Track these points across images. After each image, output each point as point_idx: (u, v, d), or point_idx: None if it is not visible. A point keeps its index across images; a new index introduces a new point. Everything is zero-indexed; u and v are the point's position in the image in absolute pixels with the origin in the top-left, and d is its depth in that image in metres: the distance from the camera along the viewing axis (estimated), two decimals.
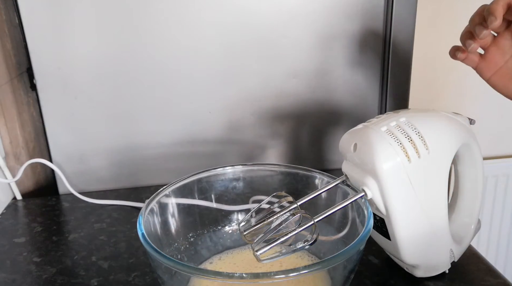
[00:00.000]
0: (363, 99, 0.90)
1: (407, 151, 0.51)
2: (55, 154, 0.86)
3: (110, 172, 0.88)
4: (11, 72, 0.84)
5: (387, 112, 0.58)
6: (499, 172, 1.40)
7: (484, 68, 0.58)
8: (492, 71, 0.57)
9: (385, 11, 0.84)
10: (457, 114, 0.59)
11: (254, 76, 0.85)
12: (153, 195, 0.56)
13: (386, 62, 0.88)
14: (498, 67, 0.56)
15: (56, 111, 0.83)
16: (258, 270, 0.56)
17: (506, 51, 0.56)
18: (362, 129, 0.54)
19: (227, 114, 0.87)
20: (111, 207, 0.81)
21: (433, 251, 0.57)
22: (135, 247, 0.69)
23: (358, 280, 0.60)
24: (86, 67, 0.81)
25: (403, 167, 0.51)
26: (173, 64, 0.82)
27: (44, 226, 0.76)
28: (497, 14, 0.50)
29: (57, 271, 0.64)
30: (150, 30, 0.80)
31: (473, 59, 0.58)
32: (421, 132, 0.52)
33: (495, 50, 0.56)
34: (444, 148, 0.53)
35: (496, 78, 0.57)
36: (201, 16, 0.80)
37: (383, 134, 0.52)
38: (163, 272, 0.48)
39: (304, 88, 0.87)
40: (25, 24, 0.77)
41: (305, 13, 0.83)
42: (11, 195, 0.86)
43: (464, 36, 0.56)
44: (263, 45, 0.83)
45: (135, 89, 0.83)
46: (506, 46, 0.56)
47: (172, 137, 0.86)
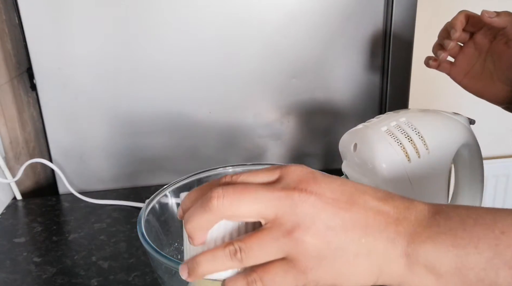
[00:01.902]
0: (363, 99, 0.90)
1: (407, 151, 0.51)
2: (55, 154, 0.86)
3: (110, 172, 0.88)
4: (11, 72, 0.84)
5: (387, 112, 0.58)
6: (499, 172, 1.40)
7: (455, 74, 0.67)
8: (462, 75, 0.66)
9: (385, 11, 0.84)
10: (457, 114, 0.59)
11: (254, 76, 0.85)
12: (153, 195, 0.56)
13: (386, 62, 0.88)
14: (467, 71, 0.65)
15: (56, 111, 0.83)
16: None
17: (472, 58, 0.65)
18: (362, 129, 0.55)
19: (227, 114, 0.87)
20: (111, 207, 0.81)
21: None
22: (135, 247, 0.69)
23: None
24: (86, 67, 0.81)
25: (403, 167, 0.51)
26: (173, 64, 0.82)
27: (44, 226, 0.76)
28: (457, 27, 0.62)
29: (57, 271, 0.64)
30: (150, 30, 0.80)
31: (445, 66, 0.67)
32: (421, 132, 0.52)
33: (462, 58, 0.66)
34: (444, 148, 0.54)
35: (466, 81, 0.66)
36: (201, 16, 0.80)
37: (383, 134, 0.52)
38: (163, 272, 0.48)
39: (304, 88, 0.87)
40: (25, 24, 0.77)
41: (305, 13, 0.83)
42: (11, 195, 0.86)
43: (435, 48, 0.67)
44: (263, 45, 0.83)
45: (135, 89, 0.83)
46: (471, 54, 0.65)
47: (172, 137, 0.86)
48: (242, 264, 0.32)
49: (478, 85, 0.65)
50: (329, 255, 0.31)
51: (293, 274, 0.31)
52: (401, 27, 0.85)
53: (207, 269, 0.33)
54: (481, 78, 0.65)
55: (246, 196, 0.32)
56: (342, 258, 0.31)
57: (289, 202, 0.31)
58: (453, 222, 0.31)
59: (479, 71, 0.65)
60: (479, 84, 0.65)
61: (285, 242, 0.31)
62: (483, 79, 0.64)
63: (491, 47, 0.63)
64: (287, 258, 0.31)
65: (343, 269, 0.31)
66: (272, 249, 0.31)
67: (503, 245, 0.29)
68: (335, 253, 0.31)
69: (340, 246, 0.31)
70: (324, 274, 0.31)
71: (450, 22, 0.64)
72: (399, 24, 0.85)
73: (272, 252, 0.31)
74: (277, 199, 0.32)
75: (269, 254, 0.32)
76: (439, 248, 0.30)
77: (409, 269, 0.31)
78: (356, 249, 0.31)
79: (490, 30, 0.63)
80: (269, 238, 0.31)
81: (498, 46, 0.62)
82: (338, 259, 0.31)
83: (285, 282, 0.31)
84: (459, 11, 0.64)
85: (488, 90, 0.64)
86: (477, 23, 0.63)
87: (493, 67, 0.63)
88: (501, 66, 0.62)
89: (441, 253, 0.30)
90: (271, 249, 0.31)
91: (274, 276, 0.31)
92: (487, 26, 0.62)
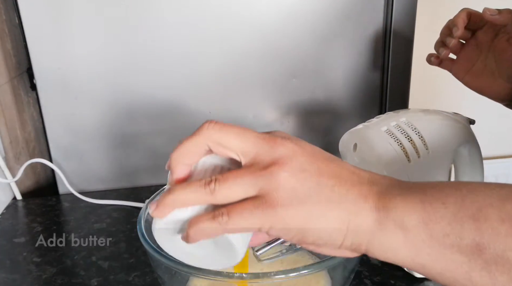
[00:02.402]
0: (363, 100, 0.90)
1: (407, 151, 0.51)
2: (55, 154, 0.86)
3: (110, 172, 0.88)
4: (11, 72, 0.84)
5: (387, 112, 0.58)
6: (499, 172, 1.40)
7: (457, 71, 0.67)
8: (463, 72, 0.66)
9: (385, 11, 0.84)
10: (457, 114, 0.59)
11: (254, 76, 0.85)
12: (153, 195, 0.56)
13: (386, 62, 0.88)
14: (469, 69, 0.65)
15: (56, 111, 0.83)
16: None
17: (474, 55, 0.65)
18: (362, 129, 0.55)
19: (227, 114, 0.87)
20: (111, 207, 0.81)
21: None
22: (135, 247, 0.69)
23: (358, 280, 0.60)
24: (86, 67, 0.81)
25: (403, 167, 0.51)
26: (173, 64, 0.82)
27: (44, 226, 0.76)
28: (459, 25, 0.62)
29: (57, 271, 0.64)
30: (150, 30, 0.80)
31: (447, 64, 0.68)
32: (421, 132, 0.52)
33: (464, 55, 0.66)
34: (444, 148, 0.54)
35: (468, 78, 0.66)
36: (201, 17, 0.80)
37: (383, 134, 0.52)
38: (163, 272, 0.48)
39: (304, 88, 0.87)
40: (25, 24, 0.77)
41: (305, 13, 0.82)
42: (11, 195, 0.86)
43: (437, 45, 0.67)
44: (263, 45, 0.83)
45: (135, 89, 0.83)
46: (473, 51, 0.65)
47: (172, 137, 0.86)
48: (213, 196, 0.32)
49: (479, 82, 0.65)
50: (302, 194, 0.31)
51: (262, 210, 0.31)
52: (401, 27, 0.85)
53: (177, 197, 0.33)
54: (482, 76, 0.65)
55: (235, 130, 0.34)
56: (314, 199, 0.31)
57: (271, 144, 0.33)
58: (424, 184, 0.33)
59: (480, 68, 0.65)
60: (480, 82, 0.65)
61: (260, 175, 0.32)
62: (484, 76, 0.64)
63: (493, 44, 0.63)
64: (259, 195, 0.32)
65: (313, 211, 0.31)
66: (245, 183, 0.32)
67: (469, 201, 0.30)
68: (308, 192, 0.31)
69: (313, 187, 0.32)
70: (294, 214, 0.31)
71: (452, 20, 0.64)
72: (399, 24, 0.85)
73: (245, 186, 0.32)
74: (261, 139, 0.33)
75: (242, 188, 0.32)
76: (408, 203, 0.31)
77: (378, 223, 0.31)
78: (328, 194, 0.32)
79: (491, 28, 0.63)
80: (245, 172, 0.32)
81: (500, 44, 0.63)
82: (309, 200, 0.31)
83: (252, 218, 0.31)
84: (461, 9, 0.64)
85: (489, 87, 0.64)
86: (479, 21, 0.63)
87: (495, 65, 0.63)
88: (503, 64, 0.62)
89: (409, 208, 0.31)
90: (244, 183, 0.32)
91: (242, 210, 0.31)
92: (489, 23, 0.63)
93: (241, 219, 0.31)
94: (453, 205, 0.30)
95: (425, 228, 0.30)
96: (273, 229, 0.32)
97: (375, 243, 0.32)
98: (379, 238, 0.32)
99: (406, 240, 0.31)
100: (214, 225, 0.32)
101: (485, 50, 0.64)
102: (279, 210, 0.31)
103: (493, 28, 0.63)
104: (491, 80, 0.64)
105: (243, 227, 0.32)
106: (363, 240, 0.32)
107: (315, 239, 0.32)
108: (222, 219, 0.31)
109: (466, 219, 0.30)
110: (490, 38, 0.64)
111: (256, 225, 0.31)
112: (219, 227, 0.32)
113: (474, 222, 0.29)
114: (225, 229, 0.32)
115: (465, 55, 0.66)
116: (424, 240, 0.30)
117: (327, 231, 0.32)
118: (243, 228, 0.32)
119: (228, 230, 0.32)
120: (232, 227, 0.32)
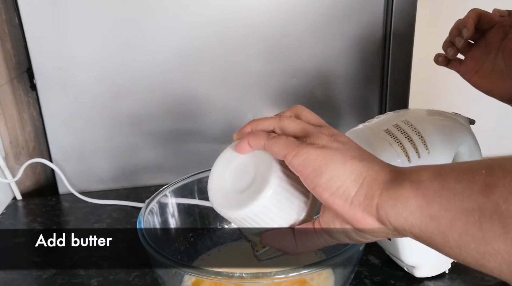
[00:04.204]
0: (363, 99, 0.90)
1: (407, 151, 0.51)
2: (55, 154, 0.86)
3: (110, 172, 0.88)
4: (11, 72, 0.84)
5: (387, 112, 0.58)
6: None
7: (465, 72, 0.66)
8: (472, 73, 0.65)
9: (385, 11, 0.84)
10: (457, 114, 0.59)
11: (254, 76, 0.85)
12: (153, 195, 0.56)
13: (386, 62, 0.88)
14: (477, 69, 0.65)
15: (56, 111, 0.83)
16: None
17: (482, 56, 0.64)
18: (362, 129, 0.55)
19: (227, 114, 0.87)
20: (111, 207, 0.81)
21: (433, 251, 0.57)
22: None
23: (358, 280, 0.60)
24: (86, 67, 0.81)
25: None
26: (173, 64, 0.82)
27: (44, 226, 0.76)
28: (469, 26, 0.61)
29: (57, 271, 0.64)
30: (150, 30, 0.80)
31: (455, 64, 0.67)
32: (421, 132, 0.52)
33: (473, 56, 0.65)
34: (444, 148, 0.54)
35: (476, 79, 0.65)
36: (201, 17, 0.80)
37: (383, 134, 0.52)
38: (163, 272, 0.48)
39: (304, 88, 0.87)
40: (25, 24, 0.77)
41: (305, 13, 0.82)
42: (11, 195, 0.86)
43: (445, 45, 0.66)
44: (263, 45, 0.83)
45: (135, 90, 0.83)
46: (482, 52, 0.64)
47: (172, 137, 0.86)
48: (279, 122, 0.40)
49: (488, 83, 0.64)
50: (334, 146, 0.37)
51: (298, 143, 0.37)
52: (401, 27, 0.85)
53: (256, 121, 0.42)
54: (491, 76, 0.64)
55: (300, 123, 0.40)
56: (341, 152, 0.36)
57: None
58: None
59: (489, 69, 0.64)
60: (489, 82, 0.64)
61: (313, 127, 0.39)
62: (493, 77, 0.64)
63: (502, 45, 0.63)
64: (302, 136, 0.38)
65: (336, 156, 0.36)
66: (301, 126, 0.39)
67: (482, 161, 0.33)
68: (338, 146, 0.37)
69: (345, 142, 0.37)
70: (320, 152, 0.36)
71: (462, 20, 0.63)
72: (399, 24, 0.85)
73: (298, 127, 0.39)
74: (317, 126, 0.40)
75: (296, 127, 0.39)
76: (425, 167, 0.34)
77: (394, 178, 0.34)
78: (353, 153, 0.36)
79: (501, 28, 0.63)
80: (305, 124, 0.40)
81: (509, 44, 0.62)
82: (337, 150, 0.36)
83: (287, 143, 0.37)
84: (470, 9, 0.64)
85: (498, 88, 0.64)
86: (488, 22, 0.63)
87: (504, 65, 0.63)
88: None
89: (425, 168, 0.34)
90: (301, 126, 0.39)
91: (286, 138, 0.38)
92: (498, 24, 0.62)
93: (279, 140, 0.38)
94: (467, 164, 0.33)
95: (438, 178, 0.32)
96: (296, 157, 0.36)
97: (387, 196, 0.33)
98: (391, 191, 0.33)
99: (417, 191, 0.32)
100: (265, 137, 0.39)
101: (494, 50, 0.64)
102: (310, 147, 0.36)
103: (502, 29, 0.63)
104: (499, 81, 0.63)
105: (279, 145, 0.38)
106: (376, 193, 0.34)
107: (329, 179, 0.35)
108: (271, 136, 0.39)
109: (479, 169, 0.31)
110: (499, 38, 0.63)
111: (284, 151, 0.37)
112: (266, 139, 0.39)
113: (486, 169, 0.30)
114: (266, 145, 0.39)
115: (474, 56, 0.65)
116: (435, 190, 0.32)
117: (342, 176, 0.35)
118: (278, 148, 0.38)
119: (268, 145, 0.39)
120: (272, 142, 0.38)
